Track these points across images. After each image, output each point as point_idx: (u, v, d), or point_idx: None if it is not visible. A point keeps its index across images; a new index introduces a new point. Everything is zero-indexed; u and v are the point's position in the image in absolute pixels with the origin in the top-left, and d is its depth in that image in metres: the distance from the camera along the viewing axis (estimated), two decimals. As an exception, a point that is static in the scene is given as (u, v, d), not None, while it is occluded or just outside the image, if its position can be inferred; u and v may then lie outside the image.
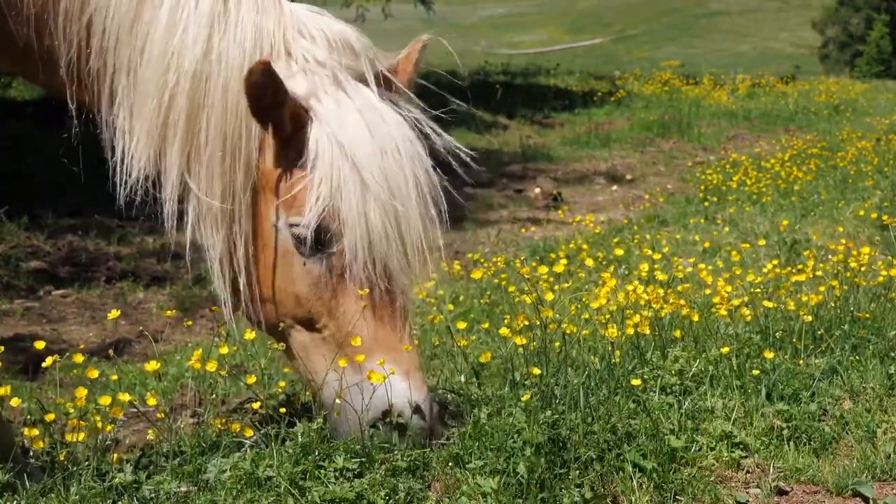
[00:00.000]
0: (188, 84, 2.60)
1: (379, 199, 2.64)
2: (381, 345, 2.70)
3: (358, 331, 2.69)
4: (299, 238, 2.67)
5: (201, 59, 2.60)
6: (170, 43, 2.60)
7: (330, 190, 2.62)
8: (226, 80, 2.61)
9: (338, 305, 2.71)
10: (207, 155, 2.64)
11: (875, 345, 3.97)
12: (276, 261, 2.73)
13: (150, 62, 2.62)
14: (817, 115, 19.98)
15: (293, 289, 2.72)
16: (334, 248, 2.66)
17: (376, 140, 2.67)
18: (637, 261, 7.17)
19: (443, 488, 2.68)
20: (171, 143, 2.64)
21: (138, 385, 4.76)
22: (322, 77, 2.71)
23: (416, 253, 2.73)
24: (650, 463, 2.84)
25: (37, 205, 9.29)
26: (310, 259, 2.69)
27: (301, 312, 2.74)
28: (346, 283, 2.69)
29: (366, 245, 2.64)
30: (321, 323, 2.73)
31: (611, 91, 22.15)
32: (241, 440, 2.86)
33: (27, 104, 15.03)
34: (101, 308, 7.05)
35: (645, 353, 3.74)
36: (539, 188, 12.12)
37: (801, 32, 71.00)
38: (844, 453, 3.19)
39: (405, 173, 2.71)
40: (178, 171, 2.66)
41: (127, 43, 2.63)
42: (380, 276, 2.68)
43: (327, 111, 2.67)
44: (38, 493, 2.50)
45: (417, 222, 2.72)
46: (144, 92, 2.63)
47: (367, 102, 2.73)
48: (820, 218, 9.48)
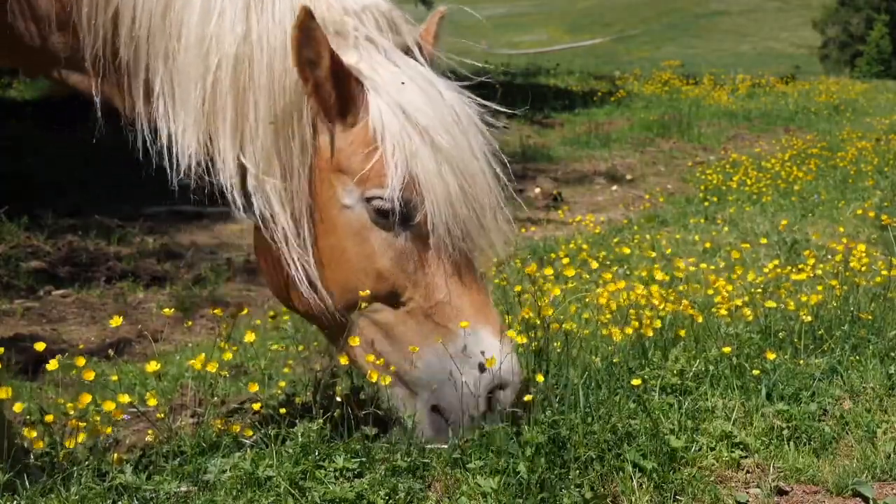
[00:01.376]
0: (231, 68, 2.57)
1: (451, 161, 2.62)
2: (475, 309, 2.67)
3: (449, 298, 2.66)
4: (381, 211, 2.63)
5: (241, 41, 2.57)
6: (207, 28, 2.57)
7: (405, 157, 2.59)
8: (270, 60, 2.58)
9: (424, 275, 2.67)
10: (260, 136, 2.60)
11: (875, 345, 3.97)
12: (346, 241, 2.68)
13: (188, 49, 2.58)
14: (817, 115, 19.98)
15: (374, 265, 2.67)
16: (416, 216, 2.63)
17: (436, 106, 2.66)
18: (637, 261, 7.18)
19: (443, 488, 2.68)
20: (221, 127, 2.61)
21: (138, 385, 4.76)
22: (372, 51, 2.69)
23: (491, 213, 2.72)
24: (650, 463, 2.84)
25: (37, 205, 9.29)
26: (391, 231, 2.65)
27: (384, 288, 2.68)
28: (428, 252, 2.67)
29: (447, 210, 2.62)
30: (406, 296, 2.69)
31: (611, 91, 22.15)
32: (242, 440, 2.86)
33: (27, 104, 15.04)
34: (101, 308, 7.05)
35: (647, 352, 3.74)
36: (539, 188, 12.12)
37: (801, 32, 71.01)
38: (844, 453, 3.19)
39: (468, 137, 2.70)
40: (234, 153, 2.62)
41: (161, 32, 2.60)
42: (462, 239, 2.66)
43: (384, 81, 2.65)
44: (38, 493, 2.50)
45: (486, 184, 2.71)
46: (186, 79, 2.60)
47: (418, 73, 2.72)
48: (820, 218, 9.48)
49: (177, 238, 9.19)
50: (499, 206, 2.76)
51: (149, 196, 9.73)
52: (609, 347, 3.79)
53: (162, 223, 9.48)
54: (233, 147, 2.62)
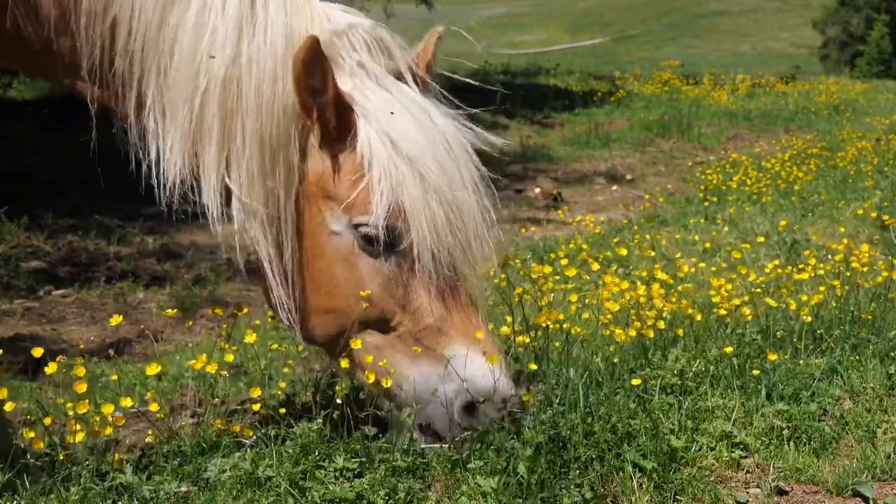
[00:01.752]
0: (219, 88, 2.58)
1: (438, 190, 2.64)
2: (462, 331, 2.69)
3: (437, 321, 2.68)
4: (367, 237, 2.65)
5: (230, 63, 2.57)
6: (198, 47, 2.57)
7: (391, 186, 2.61)
8: (258, 84, 2.59)
9: (411, 300, 2.69)
10: (246, 159, 2.61)
11: (875, 345, 3.97)
12: (335, 267, 2.70)
13: (179, 66, 2.59)
14: (817, 115, 19.98)
15: (362, 290, 2.69)
16: (402, 243, 2.65)
17: (426, 134, 2.67)
18: (637, 261, 7.18)
19: (443, 488, 2.68)
20: (207, 147, 2.62)
21: (138, 385, 4.76)
22: (363, 78, 2.70)
23: (477, 241, 2.74)
24: (650, 463, 2.84)
25: (37, 205, 9.29)
26: (378, 258, 2.67)
27: (373, 314, 2.71)
28: (415, 277, 2.68)
29: (433, 237, 2.64)
30: (395, 321, 2.71)
31: (611, 91, 22.15)
32: (242, 440, 2.85)
33: (27, 104, 15.04)
34: (101, 308, 7.05)
35: (647, 352, 3.74)
36: (539, 188, 12.12)
37: (801, 32, 70.98)
38: (844, 453, 3.19)
39: (458, 165, 2.72)
40: (218, 174, 2.63)
41: (155, 46, 2.61)
42: (447, 266, 2.68)
43: (374, 109, 2.66)
44: (38, 493, 2.50)
45: (475, 211, 2.74)
46: (175, 96, 2.61)
47: (410, 99, 2.73)
48: (820, 218, 9.48)
49: (177, 238, 9.19)
50: (485, 236, 2.77)
51: (149, 196, 9.74)
52: (610, 347, 3.79)
53: (162, 223, 9.48)
54: (217, 168, 2.63)
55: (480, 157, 2.89)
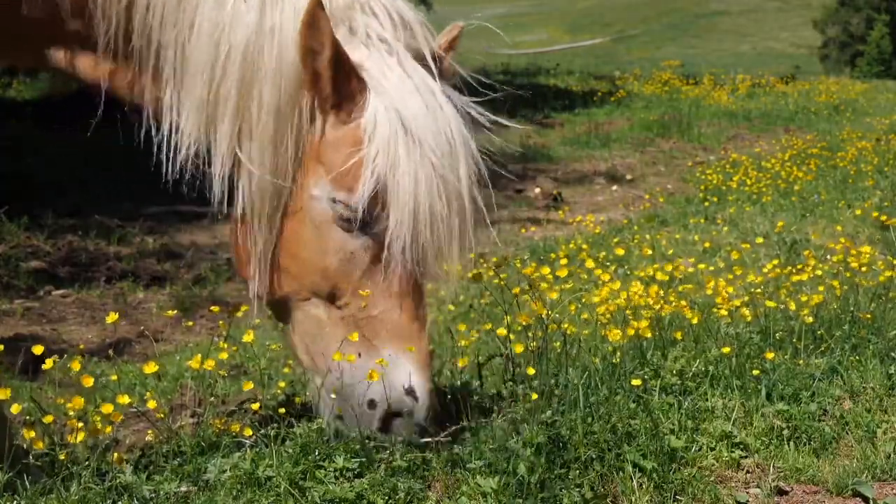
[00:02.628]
0: (240, 57, 2.55)
1: (431, 178, 2.60)
2: (401, 334, 2.66)
3: (382, 315, 2.64)
4: (343, 215, 2.61)
5: (255, 31, 2.55)
6: (221, 16, 2.55)
7: (385, 165, 2.57)
8: (280, 52, 2.56)
9: (365, 285, 2.65)
10: (260, 128, 2.59)
11: (875, 345, 3.97)
12: (304, 230, 2.67)
13: (199, 36, 2.57)
14: (817, 115, 19.99)
15: (322, 261, 2.66)
16: (377, 227, 2.62)
17: (432, 119, 2.64)
18: (637, 261, 7.18)
19: (443, 488, 2.68)
20: (223, 116, 2.59)
21: (138, 385, 4.76)
22: (382, 52, 2.67)
23: (458, 241, 2.69)
24: (650, 463, 2.84)
25: (37, 205, 9.29)
26: (348, 234, 2.63)
27: (325, 286, 2.67)
28: (378, 264, 2.64)
29: (409, 231, 2.59)
30: (343, 300, 2.68)
31: (611, 91, 22.16)
32: (241, 440, 2.85)
33: (27, 104, 15.05)
34: (101, 308, 7.06)
35: (645, 353, 3.74)
36: (539, 188, 12.13)
37: (802, 32, 71.01)
38: (844, 453, 3.19)
39: (457, 160, 2.67)
40: (230, 144, 2.60)
41: (174, 18, 2.58)
42: (416, 262, 2.63)
43: (387, 83, 2.62)
44: (38, 493, 2.50)
45: (465, 206, 2.69)
46: (194, 66, 2.58)
47: (424, 82, 2.68)
48: (820, 218, 9.48)
49: (177, 238, 9.19)
50: (468, 236, 2.72)
51: (149, 196, 9.75)
52: (609, 347, 3.79)
53: (162, 223, 9.49)
54: (230, 137, 2.60)
55: (489, 157, 2.86)
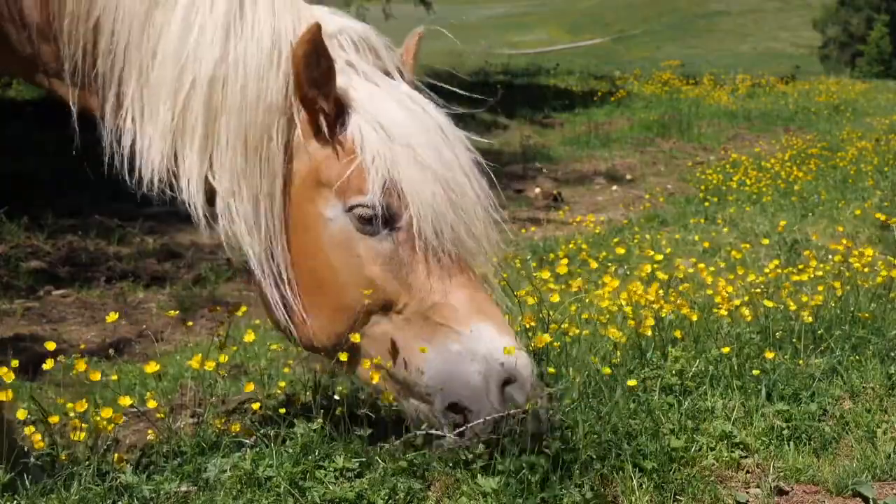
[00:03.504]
0: (205, 88, 2.57)
1: (436, 173, 2.62)
2: (474, 306, 2.63)
3: (445, 297, 2.63)
4: (363, 218, 2.61)
5: (218, 62, 2.57)
6: (184, 46, 2.57)
7: (385, 165, 2.59)
8: (244, 83, 2.58)
9: (416, 278, 2.64)
10: (229, 158, 2.60)
11: (875, 345, 3.98)
12: (333, 256, 2.65)
13: (163, 65, 2.59)
14: (817, 115, 19.98)
15: (364, 274, 2.64)
16: (400, 220, 2.63)
17: (418, 121, 2.67)
18: (637, 261, 7.18)
19: (443, 488, 2.68)
20: (190, 146, 2.61)
21: (138, 385, 4.76)
22: (351, 74, 2.70)
23: (479, 221, 2.70)
24: (650, 463, 2.84)
25: (37, 205, 9.28)
26: (376, 238, 2.63)
27: (378, 297, 2.65)
28: (417, 255, 2.64)
29: (433, 212, 2.60)
30: (402, 302, 2.66)
31: (611, 91, 22.15)
32: (241, 440, 2.85)
33: (27, 104, 15.03)
34: (101, 308, 7.05)
35: (645, 353, 3.74)
36: (539, 188, 12.12)
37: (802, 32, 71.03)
38: (844, 453, 3.19)
39: (455, 153, 2.70)
40: (200, 173, 2.62)
41: (137, 45, 2.60)
42: (451, 241, 2.64)
43: (364, 100, 2.66)
44: (39, 493, 2.50)
45: (474, 196, 2.70)
46: (156, 95, 2.60)
47: (399, 91, 2.73)
48: (820, 218, 9.48)
49: (177, 238, 9.19)
50: (489, 217, 2.74)
51: (149, 196, 9.73)
52: (609, 347, 3.79)
53: (162, 223, 9.48)
54: (200, 167, 2.62)
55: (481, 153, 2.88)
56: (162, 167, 2.63)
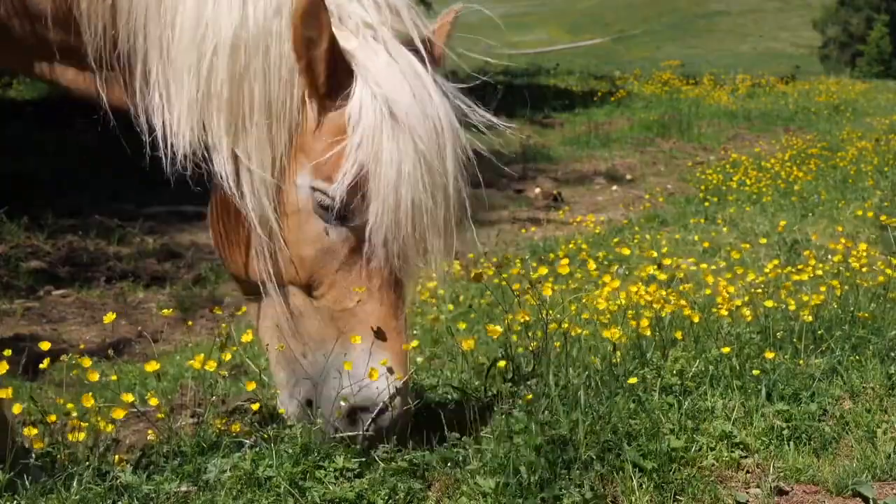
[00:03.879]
0: (227, 53, 2.53)
1: (417, 171, 2.56)
2: (381, 330, 2.63)
3: (359, 308, 2.62)
4: (323, 204, 2.59)
5: (238, 26, 2.53)
6: (202, 14, 2.54)
7: (368, 155, 2.54)
8: (266, 46, 2.54)
9: (343, 278, 2.63)
10: (255, 123, 2.56)
11: (875, 345, 3.97)
12: (287, 218, 2.64)
13: (182, 36, 2.55)
14: (817, 115, 19.98)
15: (300, 250, 2.64)
16: (357, 219, 2.59)
17: (419, 106, 2.60)
18: (637, 261, 7.18)
19: (443, 488, 2.68)
20: (216, 114, 2.57)
21: (138, 385, 4.76)
22: (369, 38, 2.63)
23: (440, 238, 2.64)
24: (650, 463, 2.84)
25: (37, 205, 9.29)
26: (327, 224, 2.61)
27: (303, 274, 2.65)
28: (357, 257, 2.62)
29: (390, 224, 2.56)
30: (320, 291, 2.66)
31: (611, 91, 22.15)
32: (241, 440, 2.85)
33: (27, 104, 15.05)
34: (101, 308, 7.05)
35: (645, 353, 3.74)
36: (539, 188, 12.13)
37: (802, 32, 71.04)
38: (844, 453, 3.19)
39: (443, 150, 2.63)
40: (228, 142, 2.58)
41: (156, 19, 2.57)
42: (395, 255, 2.60)
43: (374, 69, 2.59)
44: (38, 492, 2.50)
45: (446, 204, 2.64)
46: (181, 66, 2.56)
47: (411, 68, 2.64)
48: (820, 218, 9.48)
49: (177, 238, 9.19)
50: (451, 231, 2.68)
51: (149, 196, 9.74)
52: (609, 347, 3.79)
53: (162, 223, 9.49)
54: (227, 134, 2.58)
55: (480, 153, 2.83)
56: (194, 140, 2.59)
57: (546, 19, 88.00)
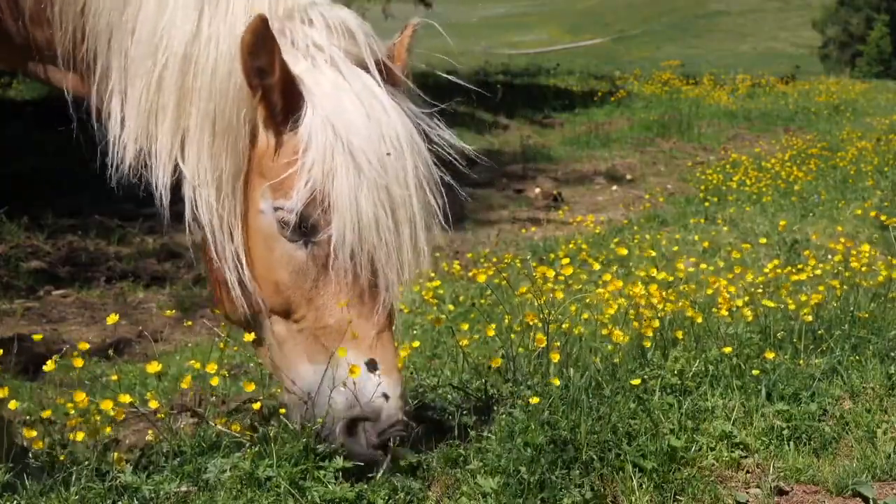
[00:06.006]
0: (177, 66, 2.55)
1: (373, 186, 2.56)
2: (360, 341, 2.61)
3: (339, 323, 2.61)
4: (284, 222, 2.59)
5: (191, 40, 2.54)
6: (159, 24, 2.55)
7: (322, 174, 2.54)
8: (215, 63, 2.55)
9: (318, 295, 2.63)
10: (198, 139, 2.58)
11: (875, 345, 3.97)
12: (257, 246, 2.66)
13: (139, 44, 2.57)
14: (817, 115, 19.99)
15: (273, 275, 2.65)
16: (320, 235, 2.59)
17: (374, 126, 2.59)
18: (637, 261, 7.18)
19: (443, 488, 2.68)
20: (161, 126, 2.59)
21: (138, 385, 4.76)
22: (320, 60, 2.64)
23: (410, 247, 2.65)
24: (650, 463, 2.84)
25: (37, 205, 9.29)
26: (293, 245, 2.61)
27: (279, 301, 2.66)
28: (328, 273, 2.62)
29: (354, 234, 2.56)
30: (299, 313, 2.66)
31: (611, 91, 22.16)
32: (241, 440, 2.85)
33: (27, 104, 15.04)
34: (101, 308, 7.05)
35: (646, 352, 3.74)
36: (539, 188, 12.13)
37: (801, 32, 71.05)
38: (844, 453, 3.19)
39: (404, 162, 2.63)
40: (170, 154, 2.59)
41: (119, 25, 2.60)
42: (365, 267, 2.60)
43: (323, 94, 2.59)
44: (38, 492, 2.50)
45: (414, 214, 2.64)
46: (134, 74, 2.59)
47: (366, 88, 2.64)
48: (820, 218, 9.49)
49: (177, 238, 9.18)
50: (420, 240, 2.67)
51: (149, 196, 9.73)
52: (609, 347, 3.79)
53: (162, 223, 9.48)
54: (170, 148, 2.60)
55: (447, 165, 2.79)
56: (137, 148, 2.61)
57: (546, 19, 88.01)
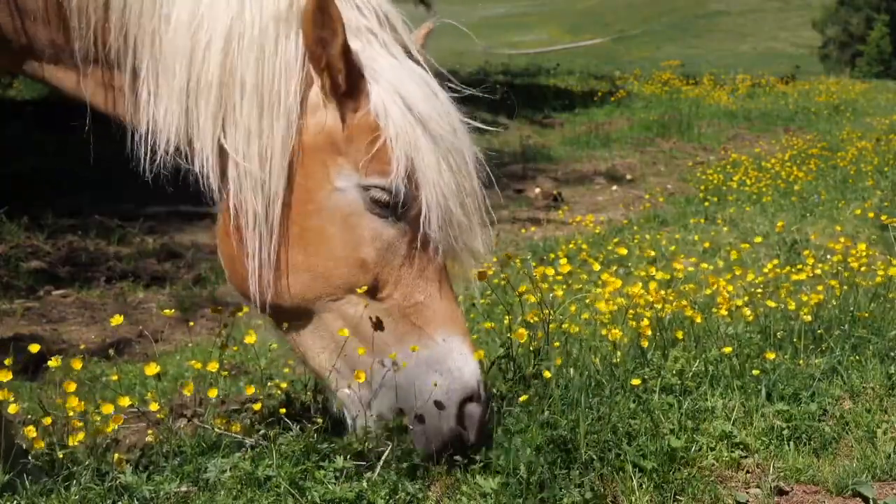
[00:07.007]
0: (221, 43, 2.52)
1: (448, 158, 2.58)
2: (449, 317, 2.61)
3: (428, 300, 2.59)
4: (378, 200, 2.55)
5: (235, 18, 2.52)
6: (198, 5, 2.53)
7: (410, 147, 2.54)
8: (262, 38, 2.53)
9: (408, 272, 2.60)
10: (244, 116, 2.54)
11: (875, 345, 3.98)
12: (332, 226, 2.59)
13: (177, 28, 2.54)
14: (817, 115, 20.00)
15: (358, 254, 2.58)
16: (409, 209, 2.58)
17: (433, 101, 2.62)
18: (637, 261, 7.18)
19: (443, 488, 2.68)
20: (204, 106, 2.55)
21: (138, 385, 4.76)
22: (373, 43, 2.65)
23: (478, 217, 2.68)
24: (650, 463, 2.84)
25: (37, 205, 9.28)
26: (382, 221, 2.58)
27: (365, 280, 2.59)
28: (416, 249, 2.60)
29: (443, 206, 2.56)
30: (386, 291, 2.60)
31: (611, 91, 22.16)
32: (242, 440, 2.85)
33: (27, 104, 15.04)
34: (101, 308, 7.05)
35: (646, 352, 3.74)
36: (539, 188, 12.13)
37: (801, 32, 71.06)
38: (844, 453, 3.19)
39: (462, 140, 2.66)
40: (214, 135, 2.55)
41: (150, 12, 2.56)
42: (454, 238, 2.60)
43: (384, 69, 2.60)
44: (38, 493, 2.50)
45: (476, 186, 2.68)
46: (172, 58, 2.55)
47: (416, 71, 2.67)
48: (820, 218, 9.49)
49: (177, 238, 9.19)
50: (485, 210, 2.71)
51: (149, 196, 9.74)
52: (609, 347, 3.79)
53: (162, 223, 9.48)
54: (213, 128, 2.56)
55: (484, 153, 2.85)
56: (179, 135, 2.57)
57: (546, 19, 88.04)
